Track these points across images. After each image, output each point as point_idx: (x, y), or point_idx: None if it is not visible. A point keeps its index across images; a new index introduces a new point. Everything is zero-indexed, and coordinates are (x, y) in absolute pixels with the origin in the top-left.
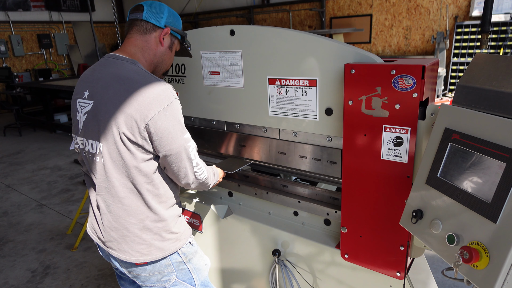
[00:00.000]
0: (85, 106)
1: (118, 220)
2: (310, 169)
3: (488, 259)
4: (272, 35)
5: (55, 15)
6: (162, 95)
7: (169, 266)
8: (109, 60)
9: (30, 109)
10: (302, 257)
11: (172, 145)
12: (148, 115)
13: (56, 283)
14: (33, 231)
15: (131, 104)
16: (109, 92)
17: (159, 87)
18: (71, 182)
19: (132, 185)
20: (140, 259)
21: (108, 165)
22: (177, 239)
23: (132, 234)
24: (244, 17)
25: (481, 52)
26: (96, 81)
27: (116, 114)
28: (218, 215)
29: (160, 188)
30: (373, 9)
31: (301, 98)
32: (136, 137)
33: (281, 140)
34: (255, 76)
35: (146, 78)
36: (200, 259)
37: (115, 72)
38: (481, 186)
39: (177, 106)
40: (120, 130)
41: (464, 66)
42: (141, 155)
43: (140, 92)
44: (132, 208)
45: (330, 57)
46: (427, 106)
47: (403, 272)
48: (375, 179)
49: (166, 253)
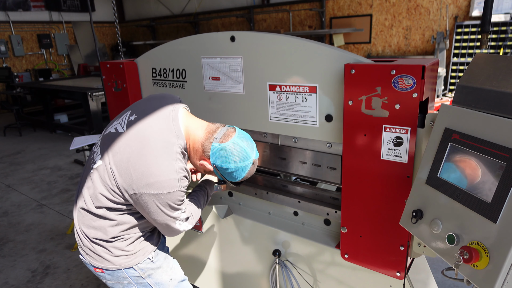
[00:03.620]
0: (121, 126)
1: (79, 223)
2: (310, 175)
3: (488, 259)
4: (272, 41)
5: (55, 15)
6: (166, 183)
7: (126, 279)
8: (169, 119)
9: (30, 109)
10: (302, 257)
11: (158, 217)
12: (143, 189)
13: (56, 283)
14: (33, 231)
15: (138, 169)
16: (135, 141)
17: (170, 176)
18: (71, 182)
19: (96, 207)
20: (94, 263)
21: (93, 180)
22: (131, 256)
23: (86, 240)
24: (244, 17)
25: (481, 52)
26: (144, 119)
27: (123, 162)
28: (218, 215)
29: (124, 218)
30: (373, 9)
31: (301, 104)
32: (122, 189)
33: (281, 145)
34: (255, 82)
35: (168, 157)
36: (163, 274)
37: (156, 131)
38: (481, 186)
39: (176, 196)
40: (115, 173)
41: (464, 66)
42: (120, 199)
43: (151, 167)
44: (89, 221)
45: (330, 64)
46: (426, 114)
47: (403, 272)
48: (375, 179)
49: (118, 267)
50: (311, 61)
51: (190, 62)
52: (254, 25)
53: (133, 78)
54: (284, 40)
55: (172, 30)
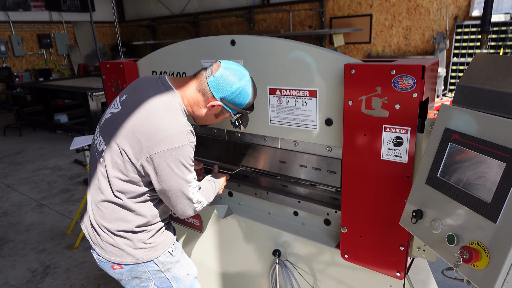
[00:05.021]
0: (116, 108)
1: (97, 219)
2: (310, 178)
3: (488, 259)
4: (272, 45)
5: (55, 15)
6: (176, 137)
7: (146, 273)
8: (159, 83)
9: (30, 109)
10: (302, 257)
11: (171, 182)
12: (154, 149)
13: (56, 283)
14: (33, 231)
15: (144, 132)
16: (134, 110)
17: (177, 129)
18: (71, 182)
19: (116, 196)
20: (114, 259)
21: (104, 167)
22: (152, 249)
23: (106, 235)
24: (244, 17)
25: (481, 52)
26: (135, 93)
27: (128, 132)
28: (218, 215)
29: (143, 208)
30: (373, 9)
31: (301, 108)
32: (134, 160)
33: (281, 149)
34: (256, 86)
35: (171, 113)
36: (180, 269)
37: (151, 95)
38: (481, 186)
39: (187, 150)
40: (123, 147)
41: (464, 66)
42: (133, 175)
43: (158, 125)
44: (110, 212)
45: (330, 68)
46: (426, 119)
47: (403, 272)
48: (375, 179)
49: (140, 261)
50: (311, 66)
51: (191, 65)
52: (254, 25)
53: (133, 78)
54: (284, 44)
55: (172, 30)
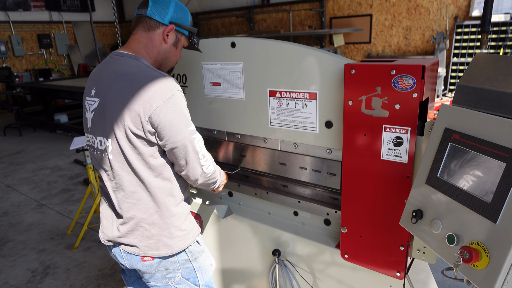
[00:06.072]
0: (92, 104)
1: (128, 214)
2: (310, 180)
3: (488, 259)
4: (272, 48)
5: (55, 15)
6: (164, 88)
7: (175, 263)
8: (113, 57)
9: (30, 109)
10: (302, 257)
11: (176, 137)
12: (150, 108)
13: (56, 283)
14: (33, 231)
15: (134, 99)
16: (113, 89)
17: (161, 80)
18: (71, 182)
19: (140, 180)
20: (148, 253)
21: (116, 160)
22: (186, 237)
23: (142, 228)
24: (244, 17)
25: (481, 52)
26: (101, 79)
27: (121, 109)
28: (218, 215)
29: (168, 183)
30: (373, 9)
31: (301, 110)
32: (141, 131)
33: (281, 151)
34: (255, 88)
35: (147, 72)
36: (205, 259)
37: (118, 68)
38: (481, 186)
39: (179, 98)
40: (125, 125)
41: (464, 66)
42: (148, 149)
43: (142, 86)
44: (141, 203)
45: (330, 71)
46: (425, 122)
47: (403, 272)
48: (375, 179)
49: (174, 251)
50: (312, 68)
51: (191, 68)
52: (254, 25)
53: None
54: (284, 46)
55: None
